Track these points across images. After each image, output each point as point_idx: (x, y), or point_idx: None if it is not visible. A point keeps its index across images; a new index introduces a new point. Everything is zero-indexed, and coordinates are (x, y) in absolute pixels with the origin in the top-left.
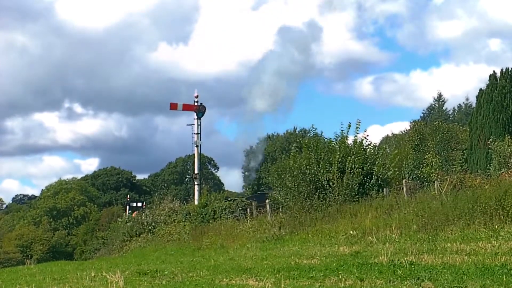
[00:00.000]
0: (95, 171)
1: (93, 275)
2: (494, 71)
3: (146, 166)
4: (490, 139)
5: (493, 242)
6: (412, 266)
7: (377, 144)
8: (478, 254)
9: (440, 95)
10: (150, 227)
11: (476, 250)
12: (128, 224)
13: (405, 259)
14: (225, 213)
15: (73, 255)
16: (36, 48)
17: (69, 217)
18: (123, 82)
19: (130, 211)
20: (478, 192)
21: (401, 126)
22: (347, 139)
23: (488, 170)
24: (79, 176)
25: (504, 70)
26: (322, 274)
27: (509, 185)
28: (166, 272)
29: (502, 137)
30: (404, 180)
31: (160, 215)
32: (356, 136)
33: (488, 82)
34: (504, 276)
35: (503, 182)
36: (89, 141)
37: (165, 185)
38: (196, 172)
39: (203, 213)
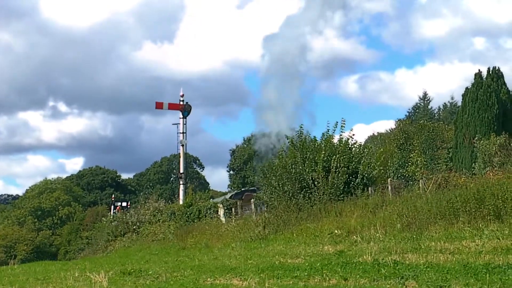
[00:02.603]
0: (80, 171)
1: (77, 275)
2: (479, 70)
3: (131, 165)
4: (475, 138)
5: (477, 241)
6: (396, 265)
7: (363, 143)
8: (462, 253)
9: (425, 94)
10: (134, 227)
11: (460, 249)
12: (112, 224)
13: (389, 258)
14: (210, 213)
15: (57, 255)
16: (21, 46)
17: (54, 217)
18: (108, 81)
19: (115, 210)
20: (462, 191)
21: (386, 125)
22: (332, 138)
23: (473, 169)
24: (63, 176)
25: (490, 69)
26: (306, 273)
27: (493, 184)
28: (150, 272)
29: (487, 135)
30: (389, 179)
31: (145, 215)
32: (341, 135)
33: (473, 81)
34: (488, 275)
35: (488, 180)
36: (74, 140)
37: (150, 184)
38: (181, 171)
39: (188, 213)
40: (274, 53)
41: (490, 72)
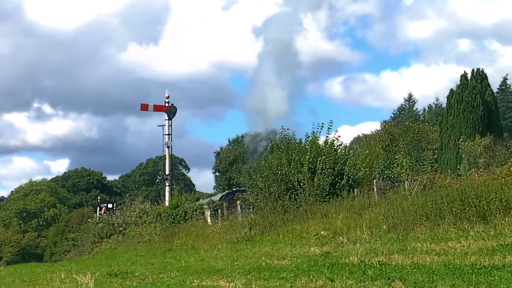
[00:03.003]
0: (65, 172)
1: (63, 277)
2: (465, 72)
3: (116, 167)
4: (460, 139)
5: (462, 242)
6: (383, 266)
7: (348, 144)
8: (448, 254)
9: (410, 96)
10: (120, 228)
11: (445, 250)
12: (98, 225)
13: (376, 259)
14: (196, 214)
15: (43, 257)
16: (5, 48)
17: (39, 218)
18: (93, 82)
19: (100, 211)
20: (447, 192)
21: (371, 127)
22: (318, 140)
23: (458, 170)
24: (49, 177)
25: (475, 71)
26: (293, 275)
27: (479, 185)
28: (136, 274)
29: (472, 137)
30: (374, 180)
31: (131, 216)
32: (327, 136)
33: (459, 82)
34: (474, 276)
35: (473, 182)
36: (59, 142)
37: (136, 186)
38: (167, 173)
39: (174, 214)
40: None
41: (475, 74)
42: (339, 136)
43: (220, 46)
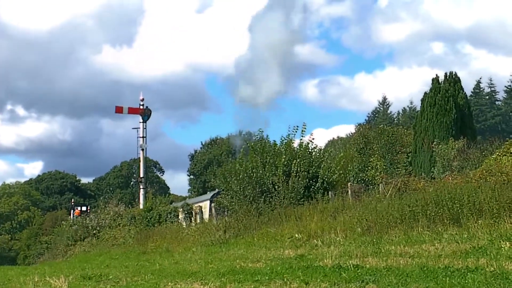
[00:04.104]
0: (39, 175)
1: (36, 280)
2: (437, 75)
3: (91, 169)
4: (434, 142)
5: (436, 244)
6: (357, 269)
7: (323, 147)
8: (422, 256)
9: (384, 99)
10: (94, 231)
11: (419, 252)
12: (72, 228)
13: (350, 262)
14: (170, 217)
15: (16, 260)
16: None
17: (12, 221)
18: (67, 84)
19: (74, 213)
20: (421, 195)
21: (346, 129)
22: (293, 142)
23: (432, 173)
24: (22, 180)
25: (448, 74)
26: (267, 278)
27: (452, 188)
28: (110, 277)
29: (445, 140)
30: (349, 183)
31: (105, 219)
32: (301, 139)
33: (431, 86)
34: (447, 278)
35: (447, 185)
36: (33, 144)
37: (110, 189)
38: (141, 175)
39: (148, 217)
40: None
41: (448, 77)
42: (313, 139)
43: (194, 48)
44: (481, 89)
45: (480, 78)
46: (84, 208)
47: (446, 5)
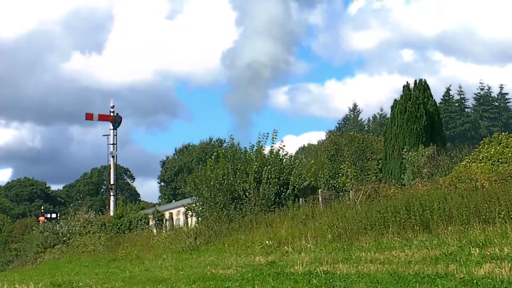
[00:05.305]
0: (8, 182)
1: (5, 287)
2: (407, 82)
3: (60, 176)
4: (404, 149)
5: (406, 251)
6: (327, 275)
7: (293, 154)
8: (392, 262)
9: (355, 106)
10: (65, 238)
11: (390, 259)
12: (43, 234)
13: (320, 268)
14: (140, 224)
15: None
16: None
17: None
18: (35, 91)
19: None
20: (392, 202)
21: (317, 136)
22: (263, 149)
23: (402, 180)
24: None
25: (417, 81)
26: (238, 284)
27: (422, 195)
28: (80, 284)
29: (416, 147)
30: (319, 190)
31: (75, 226)
32: (272, 146)
33: (402, 93)
34: (417, 285)
35: (417, 191)
36: (2, 151)
37: (80, 196)
38: (112, 182)
39: (119, 224)
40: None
41: (417, 84)
42: (284, 146)
43: (164, 55)
44: (451, 96)
45: (450, 86)
46: (54, 215)
47: (414, 13)
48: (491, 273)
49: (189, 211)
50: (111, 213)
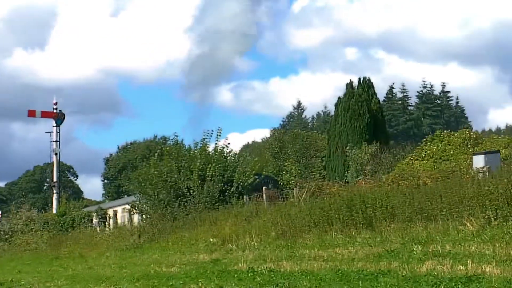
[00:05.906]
0: None
1: None
2: (351, 80)
3: (2, 174)
4: (348, 147)
5: (349, 248)
6: (271, 273)
7: (238, 151)
8: (335, 260)
9: (299, 103)
10: (6, 236)
11: (333, 256)
12: None
13: (264, 266)
14: (84, 222)
15: None
16: None
17: None
18: None
19: None
20: (335, 199)
21: (261, 134)
22: (207, 147)
23: (345, 177)
24: None
25: (361, 79)
26: (181, 282)
27: (365, 193)
28: (22, 282)
29: (359, 144)
30: (264, 187)
31: (17, 224)
32: (216, 143)
33: (345, 91)
34: (361, 282)
35: (360, 189)
36: None
37: (23, 193)
38: (54, 180)
39: (62, 222)
40: None
41: (361, 82)
42: (228, 143)
43: (107, 52)
44: (394, 94)
45: (393, 84)
46: None
47: (357, 12)
48: (433, 270)
49: (133, 209)
50: (54, 211)
